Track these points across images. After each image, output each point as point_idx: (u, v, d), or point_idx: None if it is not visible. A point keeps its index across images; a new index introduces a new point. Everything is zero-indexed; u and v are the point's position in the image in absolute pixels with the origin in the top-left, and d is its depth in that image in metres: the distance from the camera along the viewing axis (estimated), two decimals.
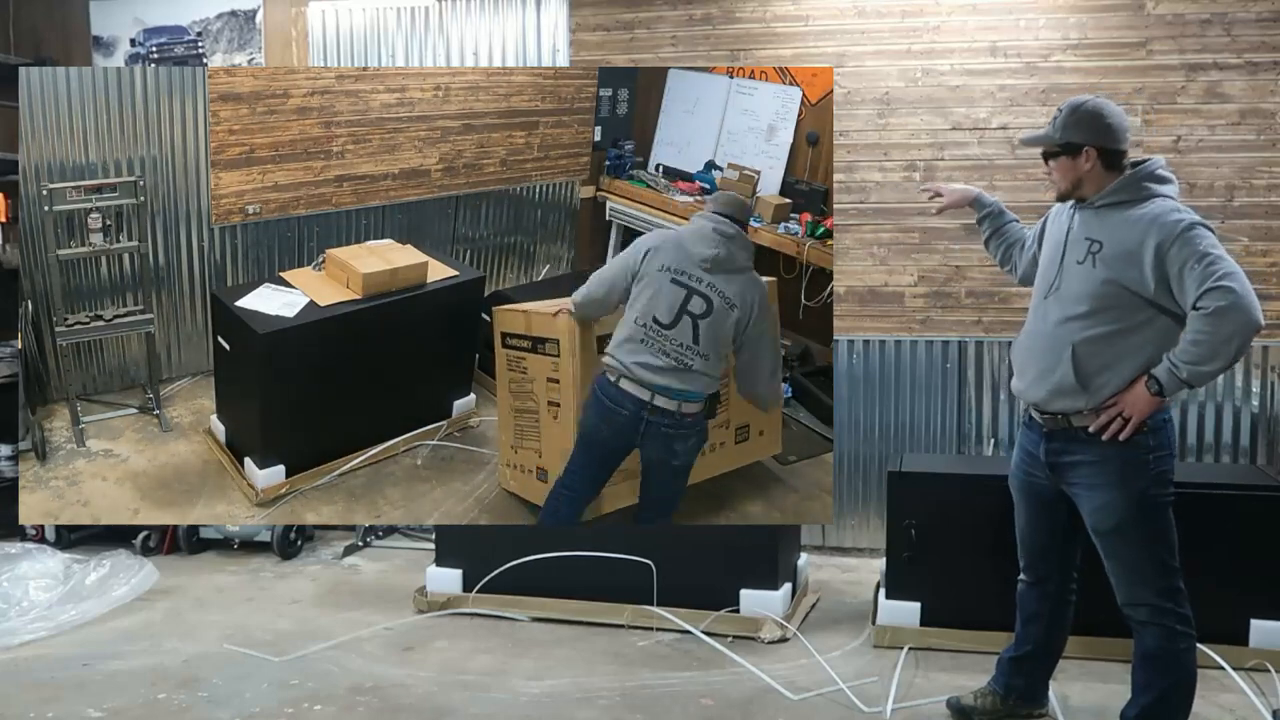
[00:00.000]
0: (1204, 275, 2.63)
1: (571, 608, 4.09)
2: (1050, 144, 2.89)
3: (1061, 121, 2.87)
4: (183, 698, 3.48)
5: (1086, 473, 2.87)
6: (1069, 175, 2.88)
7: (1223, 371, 2.79)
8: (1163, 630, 2.84)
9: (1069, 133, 2.85)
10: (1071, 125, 2.85)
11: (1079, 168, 2.85)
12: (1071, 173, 2.87)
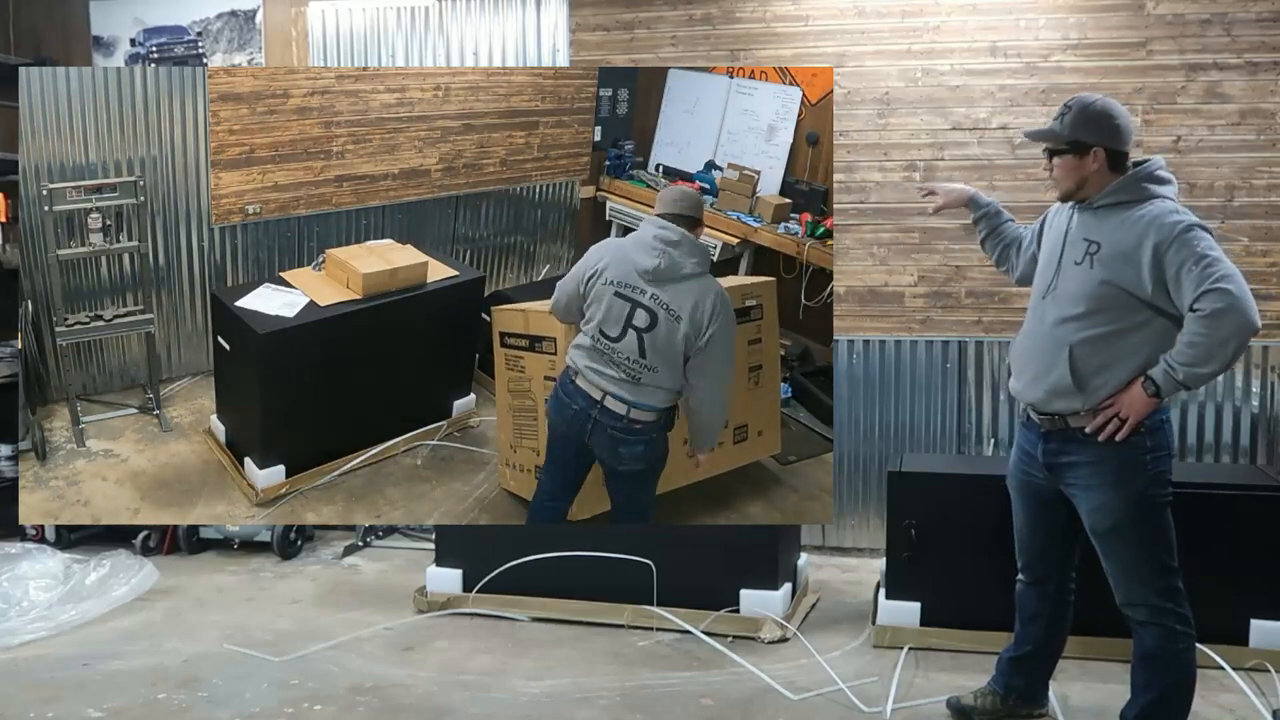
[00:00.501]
0: (1201, 277, 2.62)
1: (571, 608, 4.09)
2: (1058, 141, 2.84)
3: (1070, 119, 2.82)
4: (183, 698, 3.48)
5: (1084, 473, 2.87)
6: (1074, 175, 2.84)
7: (1219, 374, 2.79)
8: (1162, 630, 2.84)
9: (1077, 131, 2.81)
10: (1080, 124, 2.81)
11: (1085, 168, 2.82)
12: (1077, 172, 2.83)
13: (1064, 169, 2.85)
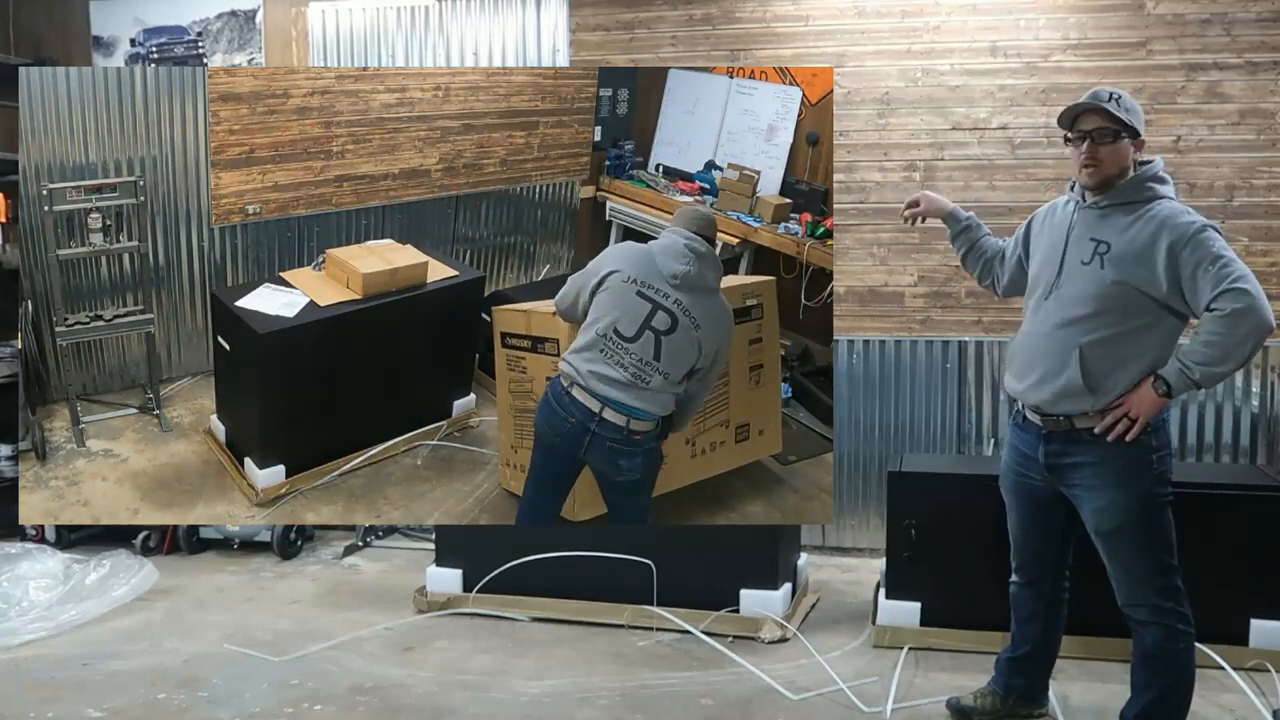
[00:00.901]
0: (1219, 277, 2.63)
1: (571, 608, 4.09)
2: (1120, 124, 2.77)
3: (1126, 104, 2.78)
4: (183, 698, 3.48)
5: (1088, 474, 2.86)
6: (1122, 161, 2.79)
7: (1233, 373, 2.79)
8: (1163, 630, 2.84)
9: (1132, 116, 2.78)
10: (1133, 111, 2.79)
11: (1130, 156, 2.79)
12: (1126, 159, 2.79)
13: (1114, 155, 2.78)
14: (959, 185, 4.83)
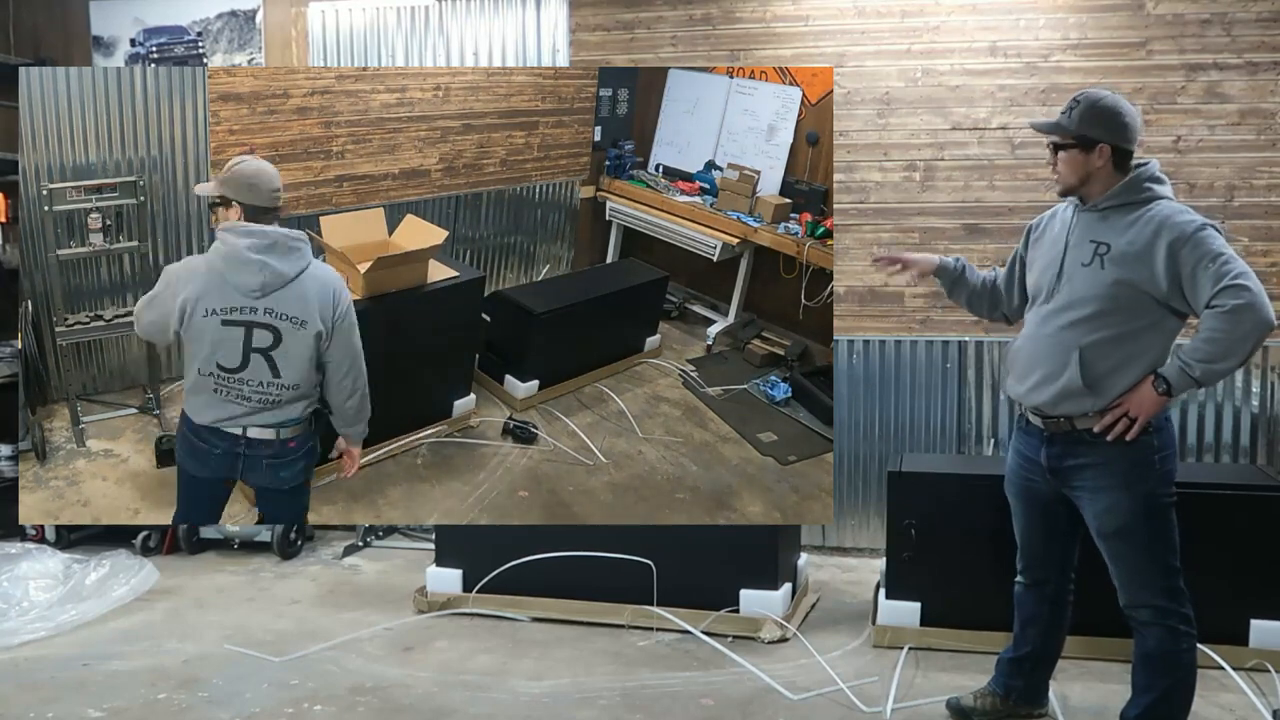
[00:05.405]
0: (1219, 274, 2.63)
1: (571, 608, 4.09)
2: (1065, 135, 2.82)
3: (1079, 114, 2.80)
4: (183, 698, 3.47)
5: (1091, 475, 2.86)
6: (1078, 170, 2.83)
7: (1234, 371, 2.79)
8: (1166, 630, 2.84)
9: (1085, 126, 2.80)
10: (1089, 119, 2.80)
11: (1090, 164, 2.81)
12: (1082, 168, 2.82)
13: (1069, 164, 2.84)
14: (959, 185, 4.83)
